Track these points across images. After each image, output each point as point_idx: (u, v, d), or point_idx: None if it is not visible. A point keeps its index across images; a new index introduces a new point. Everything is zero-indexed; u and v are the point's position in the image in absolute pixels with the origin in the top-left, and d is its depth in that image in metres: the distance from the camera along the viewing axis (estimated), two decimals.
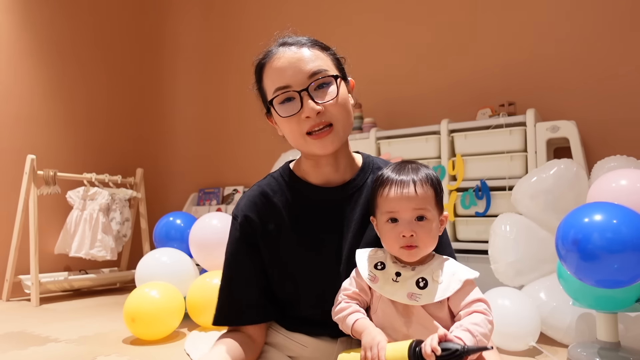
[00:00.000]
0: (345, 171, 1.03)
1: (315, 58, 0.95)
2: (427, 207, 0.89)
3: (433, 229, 0.89)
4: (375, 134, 2.71)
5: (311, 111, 0.91)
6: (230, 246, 1.03)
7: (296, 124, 0.94)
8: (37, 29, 3.53)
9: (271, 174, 1.07)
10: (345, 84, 0.99)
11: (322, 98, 0.93)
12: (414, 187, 0.89)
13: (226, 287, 1.02)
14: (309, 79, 0.93)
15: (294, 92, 0.93)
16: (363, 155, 1.09)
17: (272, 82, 0.96)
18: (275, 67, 0.95)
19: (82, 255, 3.16)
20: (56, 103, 3.62)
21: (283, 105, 0.95)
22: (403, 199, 0.88)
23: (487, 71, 2.81)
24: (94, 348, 1.90)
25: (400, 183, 0.90)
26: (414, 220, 0.88)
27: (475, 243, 2.37)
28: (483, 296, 0.87)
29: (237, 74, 3.88)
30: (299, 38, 0.99)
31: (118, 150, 4.01)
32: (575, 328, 1.76)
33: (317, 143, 0.93)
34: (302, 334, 1.02)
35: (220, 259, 1.05)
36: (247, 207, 1.02)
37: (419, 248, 0.88)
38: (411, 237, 0.87)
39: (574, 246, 1.39)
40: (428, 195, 0.89)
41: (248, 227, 1.01)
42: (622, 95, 2.43)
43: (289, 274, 1.00)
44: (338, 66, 1.00)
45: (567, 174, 1.95)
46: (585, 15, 2.55)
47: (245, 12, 3.93)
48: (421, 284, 0.87)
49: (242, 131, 3.85)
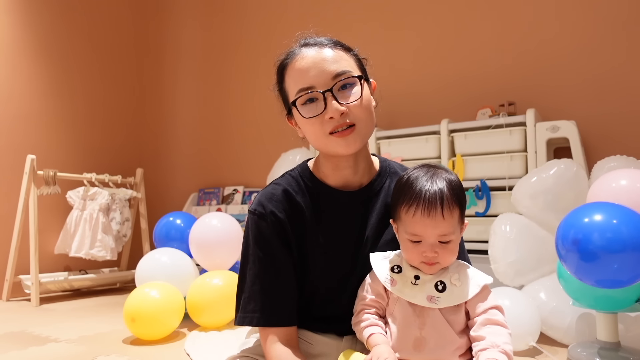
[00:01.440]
0: (364, 174, 1.03)
1: (338, 58, 0.94)
2: (452, 231, 0.88)
3: (456, 247, 0.90)
4: (375, 134, 2.71)
5: (335, 112, 0.91)
6: (261, 244, 0.97)
7: (319, 124, 0.93)
8: (37, 30, 3.53)
9: (289, 173, 1.06)
10: (367, 85, 0.98)
11: (346, 99, 0.92)
12: (441, 212, 0.86)
13: (266, 287, 0.96)
14: (332, 79, 0.92)
15: (317, 92, 0.92)
16: (380, 158, 1.09)
17: (294, 83, 0.95)
18: (298, 67, 0.95)
19: (82, 255, 3.16)
20: (56, 103, 3.62)
21: (306, 106, 0.94)
22: (429, 226, 0.86)
23: (487, 71, 2.81)
24: (94, 348, 1.90)
25: (427, 206, 0.86)
26: (437, 242, 0.88)
27: (475, 243, 2.37)
28: (499, 303, 0.89)
29: (237, 74, 3.88)
30: (321, 39, 0.98)
31: (118, 150, 4.01)
32: (575, 328, 1.76)
33: (341, 141, 0.92)
34: (309, 330, 1.03)
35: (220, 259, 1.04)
36: (273, 205, 0.99)
37: (440, 264, 0.89)
38: (434, 256, 0.88)
39: (574, 246, 1.39)
40: (454, 217, 0.88)
41: (279, 225, 0.97)
42: (622, 95, 2.43)
43: (307, 274, 1.00)
44: (361, 67, 0.99)
45: (567, 174, 1.95)
46: (585, 15, 2.55)
47: (245, 12, 3.92)
48: (440, 287, 0.88)
49: (242, 131, 3.85)
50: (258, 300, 0.96)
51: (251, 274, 0.98)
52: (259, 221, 0.98)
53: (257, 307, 0.95)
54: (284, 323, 0.96)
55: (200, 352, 1.81)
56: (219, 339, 2.02)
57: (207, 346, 1.91)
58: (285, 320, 0.96)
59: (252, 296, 0.96)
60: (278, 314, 0.95)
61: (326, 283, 0.99)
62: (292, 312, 0.97)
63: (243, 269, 1.01)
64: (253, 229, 0.99)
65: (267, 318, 0.95)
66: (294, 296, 0.98)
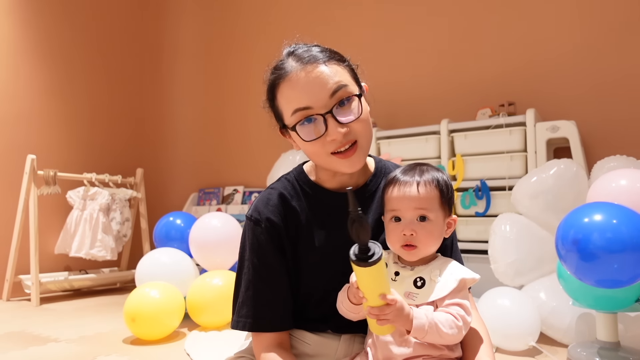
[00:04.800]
0: (360, 176, 1.03)
1: (334, 74, 0.91)
2: (428, 207, 0.89)
3: (435, 230, 0.90)
4: (375, 134, 2.70)
5: (337, 134, 0.90)
6: (256, 250, 0.98)
7: (321, 146, 0.92)
8: (37, 30, 3.53)
9: (285, 177, 1.06)
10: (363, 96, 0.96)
11: (345, 115, 0.91)
12: (416, 187, 0.89)
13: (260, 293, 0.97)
14: (330, 98, 0.90)
15: (317, 115, 0.90)
16: (375, 159, 1.09)
17: (288, 103, 0.93)
18: (292, 87, 0.92)
19: (82, 255, 3.16)
20: (57, 103, 3.62)
21: (304, 126, 0.91)
22: (405, 198, 0.89)
23: (487, 71, 2.81)
24: (94, 348, 1.90)
25: (404, 183, 0.91)
26: (415, 220, 0.89)
27: (475, 243, 2.37)
28: (465, 301, 0.86)
29: (237, 74, 3.88)
30: (313, 52, 0.94)
31: (118, 150, 4.01)
32: (575, 328, 1.76)
33: (345, 162, 0.93)
34: (305, 330, 1.03)
35: (220, 259, 1.03)
36: (269, 210, 0.99)
37: (419, 248, 0.89)
38: (411, 237, 0.88)
39: (574, 246, 1.39)
40: (431, 195, 0.90)
41: (273, 231, 0.98)
42: (622, 95, 2.43)
43: (305, 276, 1.00)
44: (354, 77, 0.98)
45: (567, 174, 1.95)
46: (585, 15, 2.55)
47: (245, 12, 3.92)
48: (419, 284, 0.88)
49: (242, 131, 3.85)
50: (250, 306, 0.97)
51: (246, 279, 0.99)
52: (254, 227, 0.99)
53: (250, 312, 0.97)
54: (276, 328, 0.97)
55: (200, 352, 1.82)
56: (219, 339, 2.02)
57: (207, 346, 1.91)
58: (277, 325, 0.97)
59: (245, 301, 0.98)
60: (270, 319, 0.96)
61: (323, 284, 0.99)
62: (284, 317, 0.98)
63: (239, 272, 1.02)
64: (249, 235, 1.00)
65: (258, 323, 0.96)
66: (287, 302, 0.98)
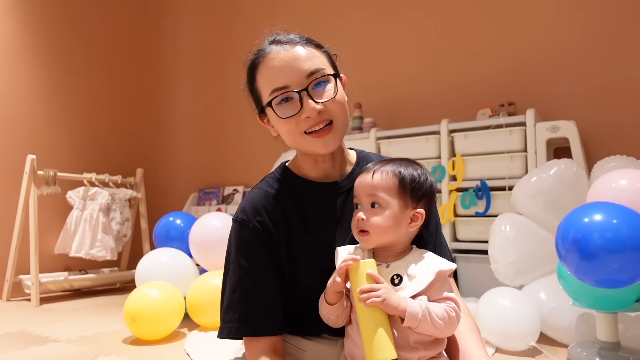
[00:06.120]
0: (342, 165, 1.05)
1: (311, 56, 0.94)
2: (380, 194, 0.89)
3: (388, 218, 0.88)
4: (375, 134, 2.71)
5: (312, 111, 0.91)
6: (243, 251, 0.95)
7: (295, 124, 0.93)
8: (37, 30, 3.53)
9: (268, 176, 1.06)
10: (339, 81, 0.99)
11: (321, 96, 0.93)
12: (372, 174, 0.91)
13: (248, 294, 0.93)
14: (307, 78, 0.92)
15: (293, 92, 0.92)
16: (357, 150, 1.11)
17: (267, 83, 0.95)
18: (271, 67, 0.94)
19: (82, 255, 3.16)
20: (56, 103, 3.62)
21: (281, 105, 0.94)
22: (361, 185, 0.92)
23: (487, 71, 2.81)
24: (94, 348, 1.90)
25: (365, 171, 0.94)
26: (369, 207, 0.90)
27: (475, 243, 2.37)
28: (454, 295, 0.86)
29: (237, 73, 3.86)
30: (292, 36, 0.98)
31: (118, 150, 4.01)
32: (575, 328, 1.76)
33: (319, 142, 0.94)
34: (300, 337, 1.01)
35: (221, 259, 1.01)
36: (255, 211, 0.97)
37: (370, 235, 0.89)
38: (362, 221, 0.89)
39: (574, 246, 1.39)
40: (385, 183, 0.90)
41: (262, 231, 0.96)
42: (622, 95, 2.43)
43: (296, 273, 0.98)
44: (332, 63, 1.00)
45: (567, 174, 1.95)
46: (585, 15, 2.55)
47: (245, 12, 3.93)
48: (396, 281, 0.87)
49: (242, 131, 3.85)
50: (237, 309, 0.93)
51: (231, 282, 0.95)
52: (240, 228, 0.97)
53: (237, 315, 0.92)
54: (268, 332, 0.93)
55: (200, 352, 1.81)
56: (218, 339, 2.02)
57: (207, 346, 1.91)
58: (269, 329, 0.93)
59: (231, 305, 0.94)
60: (260, 322, 0.92)
61: (316, 278, 0.96)
62: (275, 320, 0.94)
63: (224, 278, 0.98)
64: (236, 237, 0.97)
65: (247, 327, 0.92)
66: (277, 304, 0.95)
